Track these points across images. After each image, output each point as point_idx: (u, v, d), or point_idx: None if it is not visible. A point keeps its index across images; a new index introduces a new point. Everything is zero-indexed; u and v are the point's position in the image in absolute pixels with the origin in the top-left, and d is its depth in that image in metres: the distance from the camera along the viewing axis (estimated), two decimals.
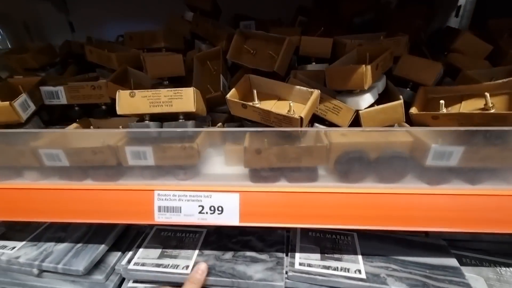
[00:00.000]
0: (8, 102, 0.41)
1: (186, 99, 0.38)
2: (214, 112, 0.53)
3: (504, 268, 0.49)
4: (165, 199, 0.41)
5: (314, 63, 0.53)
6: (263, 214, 0.41)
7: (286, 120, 0.36)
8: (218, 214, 0.41)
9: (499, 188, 0.37)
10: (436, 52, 0.55)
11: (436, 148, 0.36)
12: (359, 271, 0.45)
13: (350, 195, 0.39)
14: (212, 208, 0.41)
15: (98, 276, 0.49)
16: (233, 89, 0.41)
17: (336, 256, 0.48)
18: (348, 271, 0.45)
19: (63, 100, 0.49)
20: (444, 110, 0.40)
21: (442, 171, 0.39)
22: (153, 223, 0.51)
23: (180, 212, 0.41)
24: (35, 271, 0.49)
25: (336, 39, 0.50)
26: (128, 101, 0.39)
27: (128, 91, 0.39)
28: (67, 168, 0.41)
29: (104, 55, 0.55)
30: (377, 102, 0.43)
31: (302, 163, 0.39)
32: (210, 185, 0.41)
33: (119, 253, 0.54)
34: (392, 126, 0.42)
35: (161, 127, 0.40)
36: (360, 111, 0.41)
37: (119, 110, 0.39)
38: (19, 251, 0.50)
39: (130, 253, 0.52)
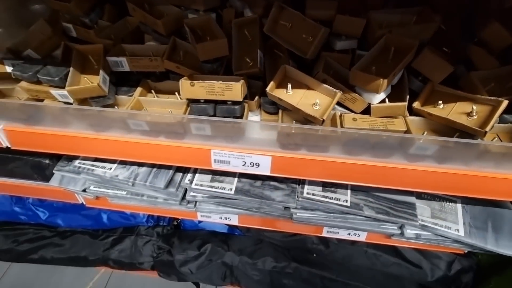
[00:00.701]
0: (96, 84, 0.52)
1: (235, 91, 0.49)
2: (250, 78, 0.62)
3: (448, 203, 0.71)
4: (219, 155, 0.59)
5: (344, 37, 0.57)
6: (286, 170, 0.59)
7: (312, 117, 0.48)
8: (256, 167, 0.59)
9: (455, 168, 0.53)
10: (468, 36, 0.56)
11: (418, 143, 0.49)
12: (346, 201, 0.68)
13: (345, 164, 0.55)
14: (252, 163, 0.59)
15: (172, 189, 0.74)
16: (272, 83, 0.50)
17: (332, 190, 0.70)
18: (339, 200, 0.68)
19: (126, 68, 0.58)
20: (441, 106, 0.51)
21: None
22: (211, 169, 0.70)
23: (230, 164, 0.60)
24: (130, 183, 0.73)
25: (370, 18, 0.52)
26: (189, 89, 0.50)
27: (189, 82, 0.49)
28: (148, 131, 0.57)
29: (149, 19, 0.59)
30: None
31: (318, 143, 0.54)
32: (251, 148, 0.57)
33: (180, 174, 0.77)
34: (395, 117, 0.53)
35: (215, 107, 0.52)
36: (371, 105, 0.51)
37: (183, 95, 0.50)
38: (115, 171, 0.73)
39: (189, 175, 0.75)
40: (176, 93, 0.60)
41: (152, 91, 0.61)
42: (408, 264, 0.86)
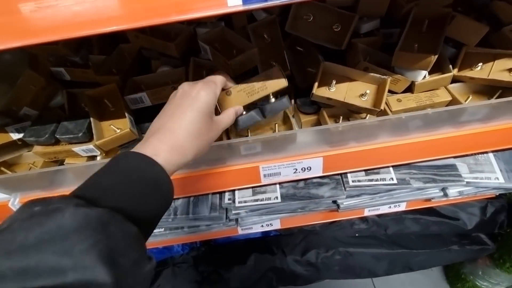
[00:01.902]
0: (128, 129, 0.46)
1: (276, 76, 0.43)
2: None
3: (480, 155, 0.74)
4: (268, 169, 0.56)
5: (366, 18, 0.55)
6: (338, 166, 0.58)
7: (367, 110, 0.47)
8: (308, 171, 0.57)
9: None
10: None
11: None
12: (392, 179, 0.68)
13: (396, 146, 0.55)
14: (303, 168, 0.57)
15: (214, 213, 0.70)
16: (316, 84, 0.47)
17: (375, 171, 0.70)
18: (385, 180, 0.68)
19: (147, 103, 0.52)
20: (480, 67, 0.51)
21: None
22: (261, 185, 0.66)
23: (280, 175, 0.57)
24: (170, 219, 0.68)
25: None
26: (227, 100, 0.45)
27: (224, 91, 0.44)
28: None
29: (157, 43, 0.53)
30: None
31: (369, 133, 0.52)
32: (301, 154, 0.55)
33: (217, 196, 0.73)
34: (437, 88, 0.53)
35: (262, 110, 0.47)
36: (415, 82, 0.50)
37: (221, 109, 0.46)
38: None
39: (227, 194, 0.71)
40: None
41: None
42: (447, 219, 0.90)
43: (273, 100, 0.45)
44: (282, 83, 0.43)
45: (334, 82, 0.48)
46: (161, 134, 0.32)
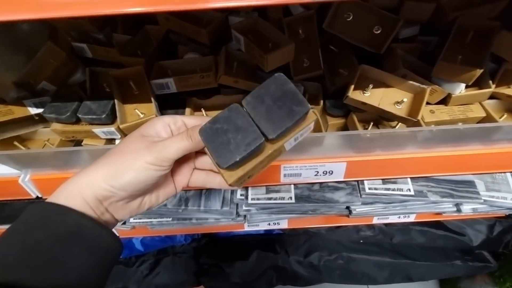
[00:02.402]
0: (154, 115, 0.44)
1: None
2: (305, 80, 0.57)
3: (498, 174, 0.73)
4: (290, 169, 0.54)
5: (405, 23, 0.53)
6: (360, 173, 0.56)
7: (403, 119, 0.45)
8: (329, 175, 0.56)
9: None
10: None
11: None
12: (409, 190, 0.67)
13: (423, 158, 0.54)
14: (325, 172, 0.55)
15: (226, 208, 0.69)
16: (352, 87, 0.46)
17: (392, 180, 0.69)
18: (402, 190, 0.67)
19: (172, 89, 0.50)
20: None
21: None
22: (279, 184, 0.64)
23: (300, 176, 0.56)
24: (180, 210, 0.67)
25: (440, 1, 0.48)
26: None
27: None
28: None
29: (189, 28, 0.50)
30: None
31: (397, 142, 0.51)
32: (325, 157, 0.53)
33: (230, 190, 0.72)
34: (471, 103, 0.51)
35: None
36: (452, 95, 0.49)
37: None
38: None
39: (239, 190, 0.70)
40: None
41: (202, 110, 0.54)
42: (453, 234, 0.90)
43: None
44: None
45: (371, 86, 0.46)
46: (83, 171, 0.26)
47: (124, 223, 0.73)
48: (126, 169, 0.25)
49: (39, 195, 0.56)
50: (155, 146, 0.26)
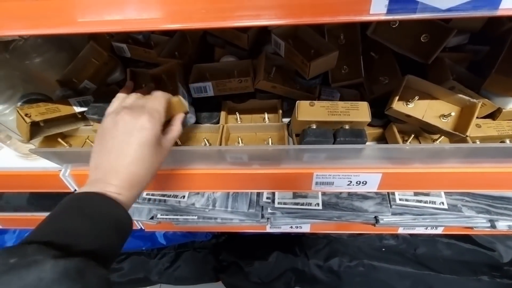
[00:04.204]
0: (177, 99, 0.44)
1: (362, 110, 0.43)
2: (343, 87, 0.55)
3: None
4: (322, 177, 0.54)
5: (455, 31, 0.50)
6: (396, 185, 0.55)
7: (449, 134, 0.43)
8: (362, 185, 0.55)
9: None
10: None
11: None
12: (443, 203, 0.65)
13: (464, 173, 0.51)
14: (358, 182, 0.54)
15: (252, 210, 0.69)
16: (395, 98, 0.44)
17: (424, 192, 0.66)
18: (435, 203, 0.65)
19: (210, 93, 0.50)
20: None
21: None
22: (310, 191, 0.64)
23: (333, 185, 0.55)
24: (208, 210, 0.68)
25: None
26: (308, 110, 0.44)
27: (308, 102, 0.43)
28: (244, 162, 0.51)
29: (229, 32, 0.50)
30: None
31: (438, 156, 0.49)
32: (359, 167, 0.52)
33: (255, 192, 0.72)
34: None
35: (334, 133, 0.46)
36: (503, 109, 0.46)
37: (299, 117, 0.44)
38: (189, 199, 0.68)
39: (266, 193, 0.70)
40: (266, 114, 0.54)
41: (237, 114, 0.54)
42: (482, 249, 0.86)
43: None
44: (365, 116, 0.43)
45: (416, 98, 0.44)
46: (118, 173, 0.33)
47: (152, 218, 0.75)
48: (150, 177, 0.36)
49: (77, 189, 0.58)
50: (166, 149, 0.38)
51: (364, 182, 0.54)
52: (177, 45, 0.58)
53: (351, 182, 0.54)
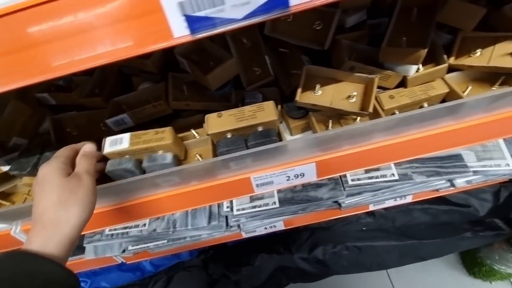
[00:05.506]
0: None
1: (268, 110, 0.44)
2: (262, 87, 0.56)
3: (489, 142, 0.69)
4: (260, 179, 0.54)
5: (351, 10, 0.51)
6: (332, 170, 0.56)
7: (355, 114, 0.44)
8: (301, 177, 0.55)
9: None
10: None
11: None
12: (393, 175, 0.65)
13: (392, 145, 0.52)
14: (296, 175, 0.55)
15: (214, 222, 0.70)
16: (299, 90, 0.45)
17: (375, 168, 0.67)
18: (386, 177, 0.65)
19: (129, 123, 0.51)
20: (478, 53, 0.46)
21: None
22: (254, 194, 0.65)
23: (273, 184, 0.56)
24: (170, 232, 0.69)
25: None
26: (217, 121, 0.44)
27: (216, 113, 0.44)
28: (179, 182, 0.52)
29: (134, 60, 0.51)
30: None
31: (361, 135, 0.49)
32: (292, 162, 0.53)
33: (216, 204, 0.73)
34: (433, 80, 0.49)
35: (246, 140, 0.47)
36: (408, 77, 0.47)
37: (210, 130, 0.45)
38: (150, 225, 0.68)
39: (225, 202, 0.71)
40: (192, 130, 0.54)
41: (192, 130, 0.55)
42: (457, 207, 0.86)
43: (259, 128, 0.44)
44: (271, 115, 0.42)
45: (318, 86, 0.45)
46: (38, 222, 0.32)
47: (124, 251, 0.76)
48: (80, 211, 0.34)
49: None
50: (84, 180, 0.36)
51: (302, 174, 0.55)
52: (97, 82, 0.59)
53: (289, 177, 0.55)
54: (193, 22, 0.22)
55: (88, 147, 0.40)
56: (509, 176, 0.73)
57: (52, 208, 0.32)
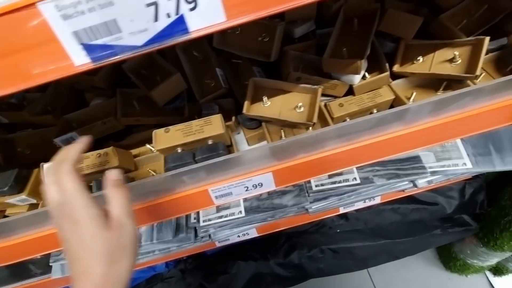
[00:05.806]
0: None
1: (215, 123, 0.44)
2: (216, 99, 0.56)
3: (448, 142, 0.71)
4: (218, 191, 0.54)
5: (299, 21, 0.52)
6: (291, 178, 0.56)
7: (301, 124, 0.44)
8: (259, 187, 0.55)
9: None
10: None
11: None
12: (355, 179, 0.66)
13: (346, 151, 0.53)
14: (254, 185, 0.55)
15: (182, 234, 0.69)
16: (246, 102, 0.45)
17: (338, 173, 0.68)
18: (348, 181, 0.66)
19: None
20: (421, 60, 0.48)
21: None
22: (214, 206, 0.64)
23: (232, 195, 0.55)
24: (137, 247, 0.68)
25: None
26: (164, 137, 0.44)
27: (163, 129, 0.44)
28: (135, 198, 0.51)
29: (83, 77, 0.50)
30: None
31: (314, 143, 0.50)
32: (248, 172, 0.53)
33: (183, 216, 0.72)
34: (380, 87, 0.50)
35: (194, 154, 0.46)
36: (353, 85, 0.48)
37: (157, 146, 0.45)
38: None
39: (192, 214, 0.70)
40: (147, 145, 0.54)
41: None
42: (425, 205, 0.88)
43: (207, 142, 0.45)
44: (218, 129, 0.43)
45: (265, 98, 0.45)
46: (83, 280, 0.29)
47: None
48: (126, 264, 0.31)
49: None
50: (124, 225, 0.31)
51: (260, 184, 0.55)
52: (50, 99, 0.57)
53: (247, 187, 0.55)
54: (91, 50, 0.22)
55: (114, 174, 0.33)
56: (468, 175, 0.75)
57: (100, 265, 0.29)
